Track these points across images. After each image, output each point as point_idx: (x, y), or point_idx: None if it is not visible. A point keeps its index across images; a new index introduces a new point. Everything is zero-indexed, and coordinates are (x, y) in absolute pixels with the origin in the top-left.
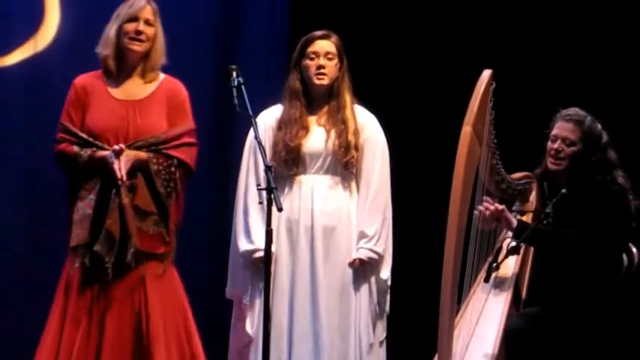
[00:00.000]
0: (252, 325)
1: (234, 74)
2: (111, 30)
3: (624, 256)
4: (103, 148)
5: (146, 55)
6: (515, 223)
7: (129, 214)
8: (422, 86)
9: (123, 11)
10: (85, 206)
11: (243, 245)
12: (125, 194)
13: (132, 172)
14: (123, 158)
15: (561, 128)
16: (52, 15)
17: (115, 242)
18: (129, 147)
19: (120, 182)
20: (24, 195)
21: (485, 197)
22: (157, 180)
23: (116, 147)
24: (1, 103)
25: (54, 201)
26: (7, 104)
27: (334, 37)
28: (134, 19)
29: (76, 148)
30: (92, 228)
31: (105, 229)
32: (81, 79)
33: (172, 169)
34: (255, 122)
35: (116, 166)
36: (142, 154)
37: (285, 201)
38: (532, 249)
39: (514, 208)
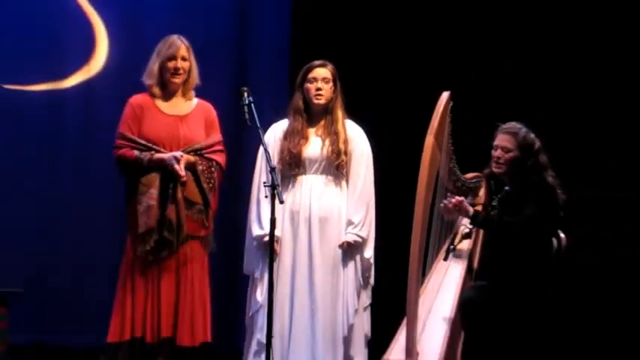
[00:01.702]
0: (261, 294)
1: (245, 94)
2: (154, 65)
3: (554, 241)
4: (159, 151)
5: (185, 81)
6: (472, 211)
7: (182, 206)
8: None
9: (163, 50)
10: (148, 199)
11: (255, 231)
12: (180, 189)
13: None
14: (182, 161)
15: (500, 139)
16: (101, 49)
17: (174, 228)
18: (183, 151)
19: (182, 179)
20: (76, 189)
21: (449, 194)
22: (201, 177)
23: (177, 154)
24: (61, 116)
25: (102, 194)
26: (65, 117)
27: (330, 66)
28: (173, 58)
29: (135, 152)
30: (158, 216)
31: (167, 219)
32: (135, 99)
33: (212, 169)
34: (263, 133)
35: (177, 167)
36: (191, 157)
37: (289, 196)
38: (482, 234)
39: (467, 201)
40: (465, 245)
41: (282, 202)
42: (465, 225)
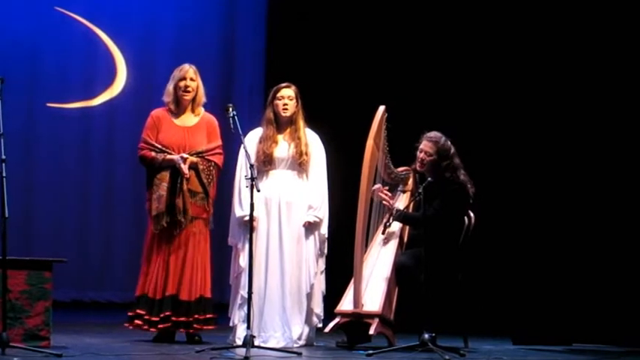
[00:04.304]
0: (243, 260)
1: (231, 109)
2: (170, 86)
3: (466, 219)
4: (171, 154)
5: (194, 98)
6: (394, 210)
7: (186, 196)
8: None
9: (176, 74)
10: (160, 190)
11: (238, 212)
12: (185, 183)
13: (188, 169)
14: (187, 162)
15: (424, 145)
16: (121, 75)
17: (181, 212)
18: (187, 154)
19: (185, 176)
20: (103, 184)
21: (379, 185)
22: (202, 174)
23: (184, 155)
24: (90, 127)
25: (124, 191)
26: (94, 128)
27: (293, 87)
28: (183, 79)
29: (153, 154)
30: (167, 203)
31: (177, 206)
32: (155, 112)
33: (211, 168)
34: (244, 138)
35: (182, 166)
36: (194, 159)
37: (264, 186)
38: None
39: (399, 189)
40: (397, 223)
41: (258, 190)
42: (396, 207)
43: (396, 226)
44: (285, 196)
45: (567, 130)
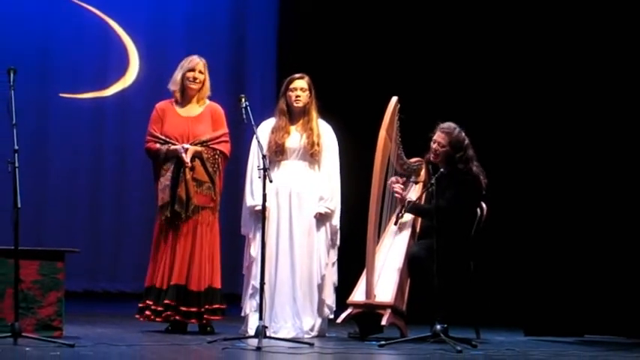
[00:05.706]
0: (254, 250)
1: (243, 100)
2: (177, 75)
3: (478, 210)
4: (174, 144)
5: (200, 90)
6: (405, 202)
7: (190, 185)
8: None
9: (185, 64)
10: (164, 180)
11: (249, 202)
12: (188, 172)
13: (193, 158)
14: (188, 152)
15: (437, 135)
16: (133, 66)
17: (184, 203)
18: (191, 144)
19: (186, 165)
20: (115, 176)
21: (397, 177)
22: (207, 163)
23: (185, 145)
24: (103, 118)
25: (136, 182)
26: (106, 119)
27: (307, 77)
28: (192, 70)
29: (157, 145)
30: (170, 193)
31: (178, 196)
32: (160, 105)
33: (216, 156)
34: (256, 129)
35: (183, 156)
36: (199, 148)
37: (275, 176)
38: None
39: (411, 180)
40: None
41: (271, 181)
42: (408, 198)
43: (408, 217)
44: (296, 186)
45: (584, 120)
